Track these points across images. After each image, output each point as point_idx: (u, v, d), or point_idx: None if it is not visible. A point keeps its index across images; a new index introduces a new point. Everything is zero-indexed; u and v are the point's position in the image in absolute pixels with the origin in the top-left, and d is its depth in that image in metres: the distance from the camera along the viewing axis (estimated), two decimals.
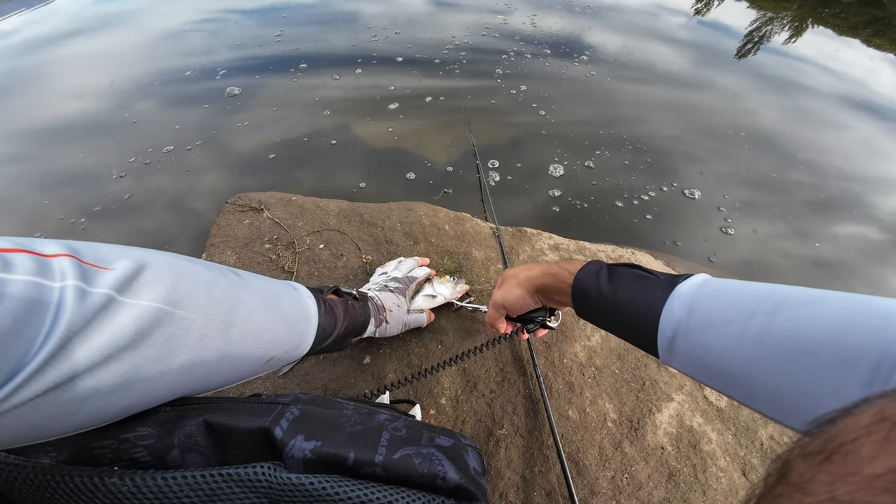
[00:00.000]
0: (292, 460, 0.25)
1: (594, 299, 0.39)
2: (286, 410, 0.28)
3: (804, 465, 0.14)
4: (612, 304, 0.37)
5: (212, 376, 0.29)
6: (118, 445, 0.23)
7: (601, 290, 0.38)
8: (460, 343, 0.68)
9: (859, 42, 1.98)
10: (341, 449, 0.26)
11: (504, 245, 0.81)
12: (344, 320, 0.47)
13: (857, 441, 0.12)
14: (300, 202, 0.87)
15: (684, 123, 1.29)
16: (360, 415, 0.31)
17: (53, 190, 0.99)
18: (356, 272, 0.75)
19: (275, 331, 0.34)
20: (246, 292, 0.31)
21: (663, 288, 0.33)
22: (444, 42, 1.56)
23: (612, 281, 0.38)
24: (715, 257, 0.91)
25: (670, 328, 0.31)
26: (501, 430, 0.60)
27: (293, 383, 0.62)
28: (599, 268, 0.40)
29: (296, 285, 0.42)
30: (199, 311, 0.26)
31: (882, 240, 1.03)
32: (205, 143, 1.11)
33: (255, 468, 0.23)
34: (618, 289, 0.37)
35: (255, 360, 0.32)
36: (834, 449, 0.13)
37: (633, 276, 0.37)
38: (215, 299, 0.28)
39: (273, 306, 0.35)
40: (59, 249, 0.21)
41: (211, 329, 0.27)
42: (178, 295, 0.25)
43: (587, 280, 0.40)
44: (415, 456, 0.28)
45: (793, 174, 1.16)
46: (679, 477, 0.58)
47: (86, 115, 1.21)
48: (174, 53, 1.49)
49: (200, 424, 0.26)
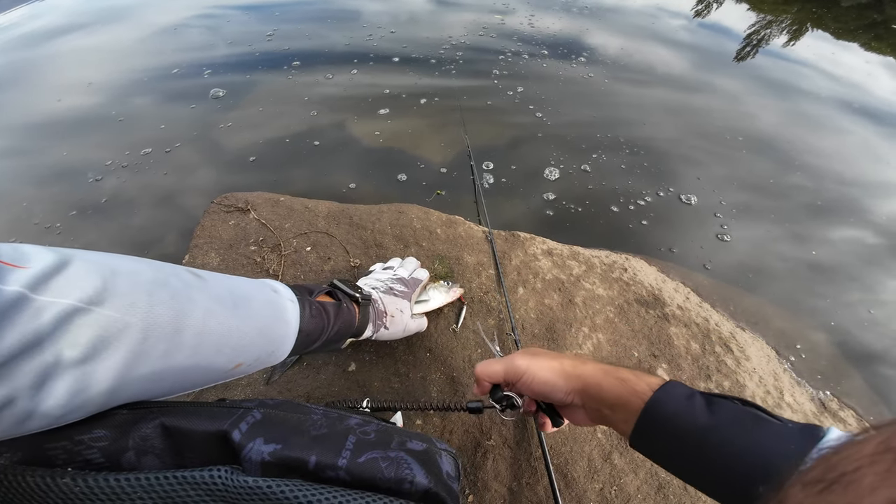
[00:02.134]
0: (250, 463, 0.25)
1: (681, 432, 0.31)
2: (248, 414, 0.27)
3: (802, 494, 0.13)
4: (710, 446, 0.29)
5: (162, 380, 0.27)
6: (72, 447, 0.23)
7: (696, 422, 0.30)
8: (449, 352, 0.66)
9: (858, 46, 1.98)
10: (302, 452, 0.25)
11: (496, 249, 0.80)
12: (334, 324, 0.45)
13: (858, 471, 0.12)
14: (288, 203, 0.85)
15: (682, 127, 1.28)
16: (328, 419, 0.30)
17: (35, 187, 0.97)
18: (343, 276, 0.73)
19: (241, 336, 0.32)
20: (203, 294, 0.30)
21: (797, 438, 0.27)
22: (440, 42, 1.54)
23: (712, 413, 0.30)
24: (710, 265, 0.90)
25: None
26: (489, 440, 0.59)
27: (274, 390, 0.60)
28: (691, 393, 0.32)
29: (276, 286, 0.40)
30: (136, 313, 0.25)
31: (879, 244, 1.02)
32: (192, 141, 1.09)
33: (211, 471, 0.23)
34: (724, 427, 0.29)
35: (216, 367, 0.31)
36: (835, 479, 0.12)
37: (747, 416, 0.29)
38: (160, 300, 0.26)
39: (239, 310, 0.33)
40: None
41: (155, 333, 0.26)
42: (108, 295, 0.24)
43: (674, 404, 0.31)
44: (381, 460, 0.27)
45: (790, 178, 1.15)
46: (668, 489, 0.57)
47: (72, 111, 1.19)
48: (165, 50, 1.47)
49: (157, 427, 0.25)
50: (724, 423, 0.30)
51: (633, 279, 0.80)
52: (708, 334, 0.74)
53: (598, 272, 0.80)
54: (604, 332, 0.71)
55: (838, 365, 0.78)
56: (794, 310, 0.86)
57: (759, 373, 0.71)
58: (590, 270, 0.80)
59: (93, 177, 0.99)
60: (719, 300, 0.83)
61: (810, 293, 0.90)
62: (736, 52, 1.77)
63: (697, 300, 0.80)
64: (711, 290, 0.84)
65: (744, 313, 0.82)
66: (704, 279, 0.87)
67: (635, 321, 0.73)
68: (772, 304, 0.86)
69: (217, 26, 1.61)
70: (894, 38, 2.11)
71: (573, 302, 0.74)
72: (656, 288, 0.79)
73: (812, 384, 0.73)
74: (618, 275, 0.81)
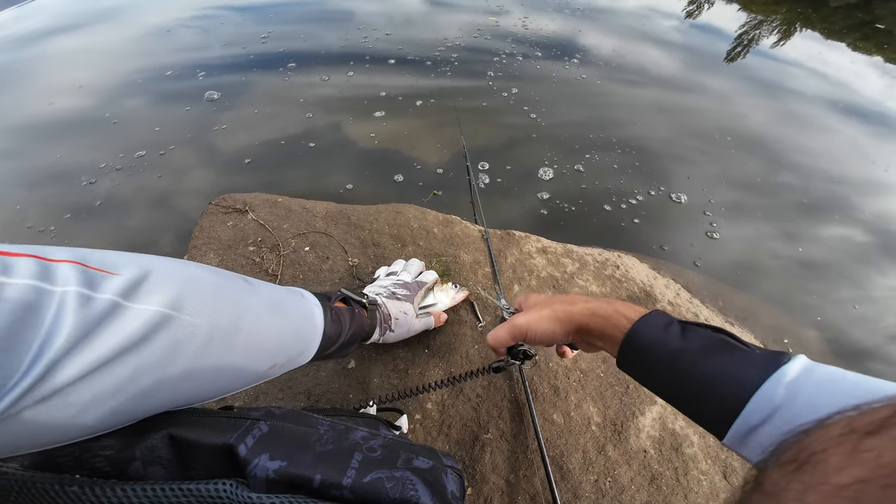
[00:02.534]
0: (255, 480, 0.25)
1: (655, 357, 0.34)
2: (254, 426, 0.28)
3: (778, 474, 0.14)
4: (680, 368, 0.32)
5: (214, 382, 0.29)
6: (80, 454, 0.23)
7: (669, 348, 0.33)
8: (447, 349, 0.68)
9: (845, 46, 2.01)
10: (308, 470, 0.26)
11: (492, 248, 0.81)
12: (350, 328, 0.47)
13: (826, 451, 0.13)
14: (286, 203, 0.86)
15: (673, 126, 1.30)
16: (334, 432, 0.30)
17: (29, 190, 0.97)
18: (342, 275, 0.74)
19: (280, 337, 0.34)
20: (254, 299, 0.32)
21: (761, 364, 0.29)
22: (436, 43, 1.55)
23: (685, 339, 0.33)
24: (701, 262, 0.92)
25: (761, 414, 0.28)
26: (487, 434, 0.60)
27: (276, 388, 0.61)
28: (669, 321, 0.35)
29: (303, 293, 0.42)
30: (205, 316, 0.26)
31: (867, 241, 1.04)
32: (189, 142, 1.10)
33: (216, 485, 0.23)
34: (693, 351, 0.32)
35: (258, 367, 0.33)
36: (805, 459, 0.13)
37: (716, 342, 0.32)
38: (222, 305, 0.28)
39: (280, 313, 0.35)
40: (67, 256, 0.22)
41: (216, 334, 0.27)
42: (184, 300, 0.25)
43: (650, 333, 0.35)
44: (387, 479, 0.27)
45: (779, 177, 1.18)
46: (661, 480, 0.58)
47: (65, 113, 1.19)
48: (158, 51, 1.46)
49: (164, 437, 0.25)
50: (693, 348, 0.32)
51: (626, 276, 0.82)
52: None
53: (592, 269, 0.82)
54: None
55: (828, 361, 0.80)
56: (783, 306, 0.88)
57: None
58: (583, 268, 0.82)
59: (87, 179, 0.99)
60: (709, 296, 0.85)
61: (799, 290, 0.92)
62: (727, 52, 1.80)
63: (688, 296, 0.82)
64: (701, 287, 0.86)
65: (733, 309, 0.84)
66: (695, 276, 0.89)
67: None
68: (761, 301, 0.88)
69: (211, 27, 1.61)
70: (881, 37, 2.15)
71: None
72: (648, 284, 0.81)
73: None
74: (610, 272, 0.82)
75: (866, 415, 0.14)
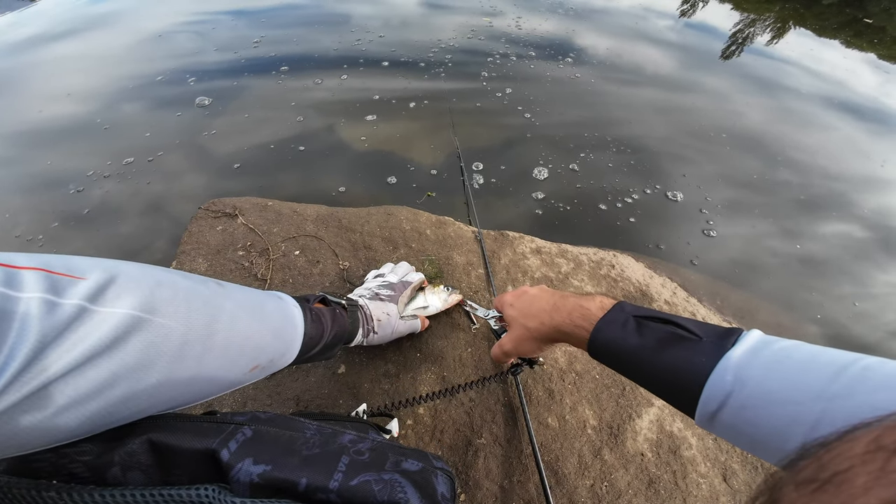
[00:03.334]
0: (239, 484, 0.24)
1: (616, 355, 0.37)
2: (238, 431, 0.27)
3: (795, 494, 0.13)
4: (642, 363, 0.34)
5: (193, 385, 0.28)
6: (56, 459, 0.23)
7: (627, 345, 0.35)
8: (439, 352, 0.66)
9: (839, 43, 2.01)
10: (293, 474, 0.25)
11: (486, 249, 0.80)
12: (331, 329, 0.47)
13: (851, 470, 0.12)
14: (276, 207, 0.85)
15: (669, 125, 1.30)
16: (321, 436, 0.30)
17: (18, 197, 0.96)
18: (332, 279, 0.73)
19: (259, 339, 0.34)
20: (228, 301, 0.31)
21: (708, 353, 0.30)
22: (429, 45, 1.55)
23: (641, 336, 0.35)
24: (698, 260, 0.90)
25: (716, 400, 0.29)
26: (480, 439, 0.59)
27: (264, 394, 0.60)
28: (626, 319, 0.37)
29: (280, 295, 0.41)
30: (179, 318, 0.26)
31: (866, 237, 1.04)
32: (178, 147, 1.09)
33: (198, 490, 0.22)
34: (649, 347, 0.34)
35: (238, 369, 0.32)
36: (827, 478, 0.12)
37: (668, 336, 0.34)
38: (196, 307, 0.28)
39: (257, 314, 0.35)
40: (31, 263, 0.22)
41: (192, 337, 0.27)
42: (155, 302, 0.25)
43: (610, 332, 0.37)
44: (375, 482, 0.27)
45: (776, 174, 1.17)
46: (659, 484, 0.57)
47: (56, 120, 1.18)
48: (150, 57, 1.46)
49: (144, 442, 0.25)
50: (648, 344, 0.35)
51: (621, 275, 0.81)
52: None
53: (587, 269, 0.81)
54: None
55: None
56: (783, 303, 0.87)
57: None
58: (578, 268, 0.81)
59: (75, 186, 0.98)
60: (706, 295, 0.84)
61: (799, 287, 0.91)
62: (721, 50, 1.80)
63: (685, 295, 0.81)
64: (698, 285, 0.85)
65: (731, 307, 0.83)
66: (691, 274, 0.88)
67: None
68: (759, 298, 0.87)
69: (204, 32, 1.61)
70: (874, 34, 2.15)
71: None
72: (644, 284, 0.80)
73: None
74: (606, 271, 0.81)
75: (893, 431, 0.13)
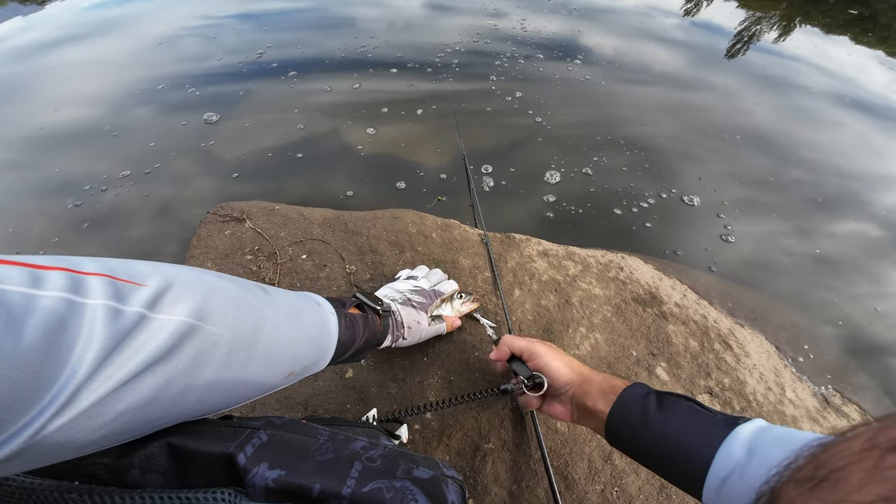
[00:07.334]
0: (254, 489, 0.25)
1: (636, 425, 0.37)
2: (254, 436, 0.28)
3: (794, 492, 0.14)
4: (658, 434, 0.36)
5: (235, 391, 0.29)
6: (78, 461, 0.24)
7: (648, 416, 0.37)
8: (446, 356, 0.66)
9: (847, 39, 1.98)
10: (307, 479, 0.25)
11: (492, 252, 0.80)
12: (363, 335, 0.47)
13: (846, 468, 0.12)
14: (283, 211, 0.86)
15: (681, 125, 1.28)
16: (334, 442, 0.30)
17: (30, 201, 0.98)
18: (339, 283, 0.73)
19: (297, 347, 0.35)
20: (271, 308, 0.32)
21: (721, 426, 0.33)
22: (436, 48, 1.55)
23: (661, 409, 0.37)
24: (716, 267, 0.89)
25: (725, 469, 0.31)
26: (488, 444, 0.58)
27: (272, 398, 0.60)
28: (647, 392, 0.39)
29: (319, 300, 0.42)
30: (227, 326, 0.26)
31: (882, 236, 1.02)
32: (187, 152, 1.10)
33: (215, 493, 0.23)
34: (668, 419, 0.36)
35: (276, 376, 0.33)
36: (824, 476, 0.13)
37: (687, 409, 0.36)
38: (243, 315, 0.28)
39: (296, 322, 0.35)
40: (96, 268, 0.22)
41: (237, 344, 0.27)
42: (207, 310, 0.25)
43: (632, 403, 0.38)
44: (386, 490, 0.27)
45: (790, 173, 1.15)
46: (671, 489, 0.56)
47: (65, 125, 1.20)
48: (158, 62, 1.48)
49: (163, 446, 0.25)
50: (670, 417, 0.36)
51: (630, 278, 0.80)
52: (706, 331, 0.74)
53: (595, 272, 0.80)
54: (601, 332, 0.71)
55: (842, 359, 0.77)
56: (798, 304, 0.86)
57: (759, 369, 0.70)
58: (586, 270, 0.80)
59: (87, 192, 0.99)
60: (717, 297, 0.82)
61: (814, 288, 0.89)
62: (727, 49, 1.78)
63: (695, 297, 0.80)
64: (708, 288, 0.84)
65: (743, 309, 0.81)
66: (702, 276, 0.86)
67: (633, 320, 0.73)
68: (771, 300, 0.85)
69: (213, 36, 1.63)
70: (881, 31, 2.12)
71: (570, 302, 0.74)
72: (653, 286, 0.79)
73: (814, 380, 0.73)
74: (614, 274, 0.80)
75: (888, 430, 0.13)
